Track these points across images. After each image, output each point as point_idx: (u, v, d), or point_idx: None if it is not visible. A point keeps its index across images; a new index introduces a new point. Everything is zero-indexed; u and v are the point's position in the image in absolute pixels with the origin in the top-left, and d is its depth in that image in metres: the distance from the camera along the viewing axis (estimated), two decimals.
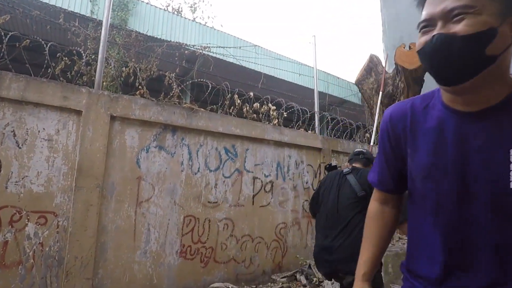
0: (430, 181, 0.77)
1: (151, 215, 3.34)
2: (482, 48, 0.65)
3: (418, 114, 0.82)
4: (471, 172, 0.70)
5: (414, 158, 0.81)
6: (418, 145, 0.80)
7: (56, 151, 2.91)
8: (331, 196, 2.26)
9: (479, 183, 0.69)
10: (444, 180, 0.73)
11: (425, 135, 0.79)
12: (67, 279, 2.75)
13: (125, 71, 3.95)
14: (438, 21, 0.69)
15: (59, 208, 2.84)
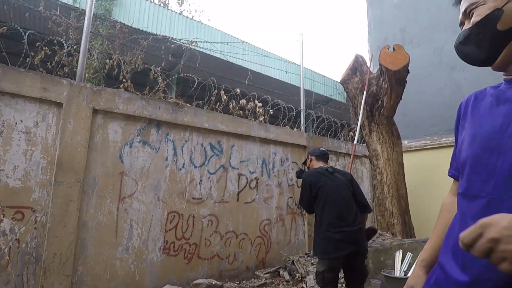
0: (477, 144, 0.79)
1: (134, 211, 3.29)
2: (494, 27, 0.75)
3: (483, 92, 0.88)
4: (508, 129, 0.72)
5: (468, 128, 0.85)
6: (475, 115, 0.85)
7: (34, 144, 2.80)
8: (334, 190, 2.53)
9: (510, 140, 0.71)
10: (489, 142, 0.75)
11: (482, 106, 0.84)
12: (45, 276, 2.67)
13: (108, 63, 3.84)
14: (465, 21, 0.84)
15: (37, 203, 2.75)
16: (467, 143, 0.82)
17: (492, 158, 0.73)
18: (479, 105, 0.86)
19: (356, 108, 5.26)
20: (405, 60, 4.00)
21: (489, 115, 0.80)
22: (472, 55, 0.82)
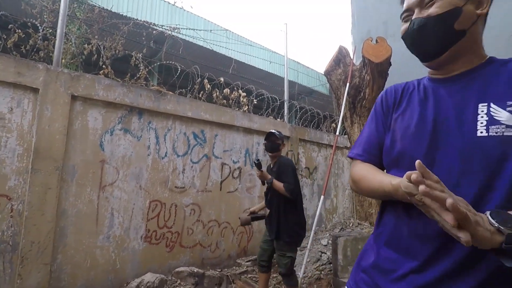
0: (410, 138, 0.83)
1: (115, 199, 3.25)
2: (451, 24, 0.78)
3: (409, 88, 0.93)
4: (447, 126, 0.78)
5: (400, 121, 0.89)
6: (405, 109, 0.89)
7: (9, 130, 2.71)
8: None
9: (450, 134, 0.77)
10: (422, 135, 0.81)
11: (411, 101, 0.89)
12: (23, 265, 2.63)
13: (87, 49, 3.71)
14: (415, 9, 0.83)
15: (13, 191, 2.68)
16: (400, 135, 0.86)
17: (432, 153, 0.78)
18: (410, 99, 0.90)
19: (338, 100, 5.34)
20: (388, 52, 4.08)
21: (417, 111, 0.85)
22: (423, 46, 0.83)
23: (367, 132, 0.99)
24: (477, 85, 0.78)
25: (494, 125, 0.72)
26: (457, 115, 0.77)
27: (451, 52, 0.80)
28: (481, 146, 0.72)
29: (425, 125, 0.81)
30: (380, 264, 0.84)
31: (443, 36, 0.79)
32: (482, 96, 0.76)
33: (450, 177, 0.73)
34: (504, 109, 0.72)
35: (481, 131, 0.73)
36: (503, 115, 0.72)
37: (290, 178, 2.67)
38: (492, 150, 0.71)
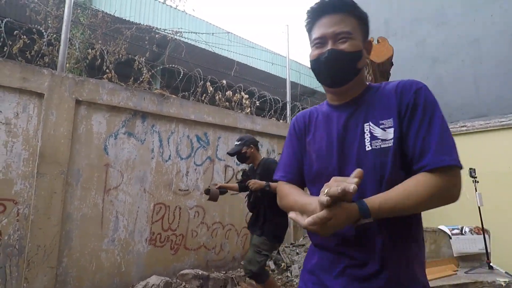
0: (324, 158, 1.00)
1: (120, 202, 3.27)
2: (356, 63, 0.96)
3: (314, 114, 1.11)
4: (347, 144, 0.96)
5: (312, 144, 1.06)
6: (315, 134, 1.06)
7: (15, 135, 2.74)
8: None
9: (350, 150, 0.95)
10: (332, 154, 0.98)
11: (318, 126, 1.06)
12: (29, 268, 2.65)
13: (91, 53, 3.75)
14: (329, 40, 0.96)
15: (19, 195, 2.71)
16: (315, 156, 1.03)
17: (341, 168, 0.95)
18: (316, 124, 1.07)
19: None
20: (389, 52, 4.05)
21: (324, 134, 1.02)
22: (335, 73, 0.98)
23: (285, 156, 1.15)
24: (362, 109, 0.97)
25: (374, 140, 0.91)
26: (353, 134, 0.95)
27: (350, 84, 0.98)
28: (369, 158, 0.91)
29: (332, 146, 0.98)
30: (323, 264, 0.98)
31: (350, 70, 0.97)
32: (365, 118, 0.95)
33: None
34: (378, 127, 0.92)
35: (367, 146, 0.92)
36: (378, 132, 0.91)
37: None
38: (376, 160, 0.90)
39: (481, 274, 2.56)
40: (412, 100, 0.90)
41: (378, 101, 0.95)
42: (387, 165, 0.89)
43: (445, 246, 3.27)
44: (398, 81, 0.96)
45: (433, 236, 3.39)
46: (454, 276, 2.82)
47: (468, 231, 2.93)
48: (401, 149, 0.89)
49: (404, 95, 0.91)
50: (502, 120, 4.00)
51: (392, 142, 0.89)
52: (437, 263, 3.06)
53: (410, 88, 0.92)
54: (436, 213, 4.76)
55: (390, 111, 0.92)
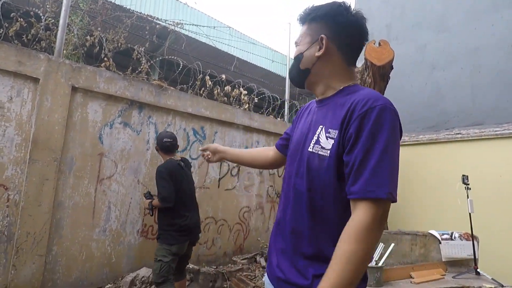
0: (293, 145, 1.11)
1: (113, 193, 3.24)
2: (297, 65, 1.07)
3: (308, 106, 1.19)
4: (304, 140, 1.03)
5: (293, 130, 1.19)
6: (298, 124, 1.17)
7: (8, 120, 2.69)
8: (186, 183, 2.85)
9: (305, 146, 1.01)
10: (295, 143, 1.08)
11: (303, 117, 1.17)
12: (17, 256, 2.61)
13: (89, 40, 3.69)
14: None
15: (9, 181, 2.66)
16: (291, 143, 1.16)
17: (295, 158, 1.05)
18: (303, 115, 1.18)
19: None
20: (390, 55, 4.07)
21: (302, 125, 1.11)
22: (292, 79, 1.14)
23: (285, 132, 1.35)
24: (325, 110, 1.02)
25: (316, 145, 0.96)
26: (312, 132, 1.01)
27: (308, 83, 1.08)
28: (307, 158, 0.97)
29: (300, 138, 1.06)
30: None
31: (295, 72, 1.09)
32: (322, 121, 1.00)
33: (290, 178, 1.03)
34: (325, 134, 0.95)
35: (310, 147, 0.97)
36: (323, 140, 0.95)
37: (158, 187, 2.66)
38: (312, 162, 0.95)
39: (468, 279, 2.60)
40: (357, 121, 0.87)
41: (337, 107, 0.97)
42: (320, 171, 0.93)
43: (434, 251, 3.31)
44: (361, 95, 0.93)
45: (423, 240, 3.43)
46: (441, 280, 2.87)
47: (458, 237, 2.97)
48: (336, 164, 0.91)
49: (353, 113, 0.89)
50: (496, 130, 4.04)
51: (328, 153, 0.91)
52: (426, 266, 3.10)
53: (363, 107, 0.89)
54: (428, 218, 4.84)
55: (338, 123, 0.93)
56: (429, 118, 5.13)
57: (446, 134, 4.71)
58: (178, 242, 2.65)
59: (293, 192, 1.01)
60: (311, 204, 0.95)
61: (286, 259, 0.99)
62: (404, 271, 2.99)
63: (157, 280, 2.54)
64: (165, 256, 2.58)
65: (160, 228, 2.71)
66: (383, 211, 0.84)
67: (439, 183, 4.56)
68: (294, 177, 1.02)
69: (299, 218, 0.98)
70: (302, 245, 0.96)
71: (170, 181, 2.65)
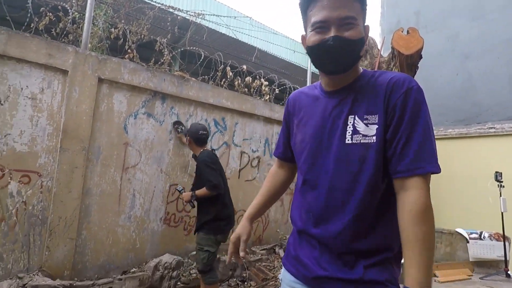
0: (305, 141, 1.04)
1: (137, 181, 3.35)
2: (359, 50, 0.94)
3: (304, 96, 1.12)
4: (329, 133, 0.97)
5: (298, 126, 1.09)
6: (301, 116, 1.09)
7: (40, 110, 2.82)
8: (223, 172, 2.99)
9: (331, 140, 0.96)
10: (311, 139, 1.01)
11: (306, 109, 1.08)
12: (51, 238, 2.78)
13: (114, 32, 3.77)
14: (332, 25, 0.90)
15: (43, 168, 2.81)
16: (300, 139, 1.07)
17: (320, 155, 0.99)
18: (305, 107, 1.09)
19: None
20: (419, 44, 3.86)
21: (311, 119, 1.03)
22: (337, 61, 0.94)
23: (280, 135, 1.27)
24: (350, 99, 0.96)
25: (355, 134, 0.91)
26: (336, 124, 0.96)
27: (350, 71, 0.97)
28: (348, 151, 0.92)
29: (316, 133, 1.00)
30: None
31: (353, 58, 0.94)
32: (351, 109, 0.94)
33: (327, 176, 0.95)
34: (362, 122, 0.91)
35: (348, 139, 0.92)
36: (361, 126, 0.91)
37: (207, 175, 2.71)
38: (354, 154, 0.91)
39: (497, 281, 2.49)
40: (400, 101, 0.88)
41: (367, 92, 0.94)
42: (366, 161, 0.90)
43: (461, 250, 3.18)
44: (391, 75, 0.92)
45: (449, 239, 3.30)
46: (468, 281, 2.75)
47: (488, 237, 2.84)
48: (383, 148, 0.89)
49: (394, 93, 0.89)
50: None
51: (374, 139, 0.89)
52: (451, 266, 2.99)
53: (402, 87, 0.89)
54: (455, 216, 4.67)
55: (377, 107, 0.90)
56: (459, 111, 4.87)
57: (477, 129, 4.46)
58: (223, 231, 2.79)
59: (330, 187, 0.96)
60: (357, 197, 0.91)
61: (328, 255, 0.95)
62: None
63: (205, 269, 2.68)
64: (211, 246, 2.70)
65: (204, 218, 2.77)
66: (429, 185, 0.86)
67: (468, 180, 4.36)
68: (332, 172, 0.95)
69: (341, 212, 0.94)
70: (348, 239, 0.92)
71: (216, 169, 2.77)
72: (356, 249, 0.92)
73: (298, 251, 1.05)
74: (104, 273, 3.09)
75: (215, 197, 2.75)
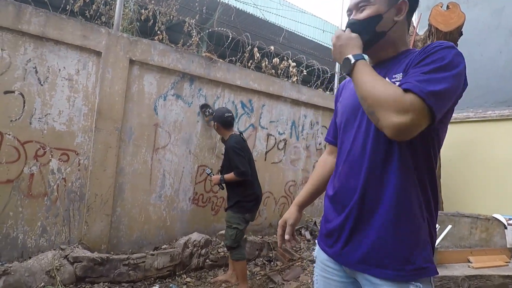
0: (344, 112, 1.10)
1: (167, 161, 3.43)
2: (373, 27, 1.00)
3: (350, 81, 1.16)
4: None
5: (341, 103, 1.16)
6: (345, 93, 1.16)
7: (76, 91, 2.92)
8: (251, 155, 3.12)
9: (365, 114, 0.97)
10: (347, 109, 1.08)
11: (350, 86, 1.11)
12: (88, 213, 2.93)
13: (144, 14, 3.79)
14: (353, 10, 1.04)
15: (80, 147, 2.93)
16: (340, 113, 1.14)
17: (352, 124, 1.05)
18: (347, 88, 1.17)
19: None
20: (460, 20, 3.60)
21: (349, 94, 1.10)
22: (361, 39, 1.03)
23: (331, 121, 1.32)
24: (388, 66, 1.02)
25: None
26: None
27: (376, 46, 1.03)
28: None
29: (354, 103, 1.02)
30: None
31: (368, 35, 1.00)
32: (386, 73, 0.98)
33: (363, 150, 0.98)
34: (391, 81, 0.93)
35: None
36: None
37: (235, 162, 2.80)
38: None
39: None
40: (422, 54, 0.89)
41: (402, 61, 0.98)
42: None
43: (498, 236, 3.04)
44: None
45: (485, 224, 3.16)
46: (504, 268, 2.65)
47: None
48: None
49: (419, 52, 0.92)
50: None
51: None
52: (486, 252, 2.89)
53: (428, 46, 0.90)
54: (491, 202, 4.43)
55: (404, 66, 0.95)
56: (501, 91, 4.53)
57: None
58: (251, 211, 2.93)
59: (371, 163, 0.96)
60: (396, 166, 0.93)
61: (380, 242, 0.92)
62: (461, 254, 2.80)
63: (233, 245, 2.82)
64: (239, 224, 2.83)
65: (233, 198, 2.91)
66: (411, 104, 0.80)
67: (507, 165, 4.10)
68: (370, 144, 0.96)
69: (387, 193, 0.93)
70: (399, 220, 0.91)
71: (244, 156, 2.86)
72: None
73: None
74: (137, 248, 3.24)
75: (243, 180, 2.86)
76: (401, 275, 0.89)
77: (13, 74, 2.62)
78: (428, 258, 0.92)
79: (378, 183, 0.94)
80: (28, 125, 2.69)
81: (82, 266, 2.64)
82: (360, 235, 0.96)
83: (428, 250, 0.94)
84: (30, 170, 2.70)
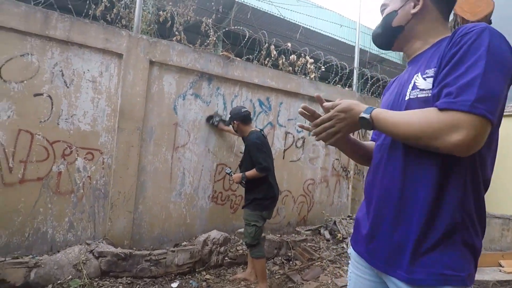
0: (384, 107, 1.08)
1: (186, 160, 3.49)
2: (389, 22, 1.06)
3: (396, 78, 1.20)
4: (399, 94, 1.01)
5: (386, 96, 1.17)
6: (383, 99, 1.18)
7: (99, 92, 3.03)
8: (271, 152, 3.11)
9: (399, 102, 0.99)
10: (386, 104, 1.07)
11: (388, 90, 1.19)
12: (112, 210, 3.03)
13: (162, 15, 3.87)
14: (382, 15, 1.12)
15: (104, 146, 3.04)
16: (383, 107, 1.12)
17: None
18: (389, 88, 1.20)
19: None
20: (489, 7, 3.38)
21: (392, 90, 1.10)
22: (376, 40, 1.13)
23: None
24: (421, 61, 0.98)
25: (413, 90, 0.92)
26: (403, 88, 1.00)
27: (398, 42, 1.07)
28: (407, 107, 0.93)
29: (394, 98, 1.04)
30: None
31: (385, 32, 1.08)
32: (418, 70, 0.96)
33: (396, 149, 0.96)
34: (422, 77, 0.91)
35: (407, 96, 0.95)
36: (421, 82, 0.91)
37: (257, 158, 2.80)
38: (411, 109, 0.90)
39: None
40: (455, 45, 0.82)
41: (434, 54, 0.94)
42: None
43: None
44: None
45: None
46: None
47: None
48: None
49: (453, 41, 0.84)
50: None
51: (430, 92, 0.86)
52: None
53: (460, 33, 0.83)
54: None
55: (436, 60, 0.89)
56: None
57: None
58: (268, 208, 2.92)
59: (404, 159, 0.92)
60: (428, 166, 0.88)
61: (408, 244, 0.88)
62: (491, 258, 2.68)
63: (253, 242, 2.83)
64: (258, 221, 2.84)
65: (252, 196, 2.90)
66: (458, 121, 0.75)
67: None
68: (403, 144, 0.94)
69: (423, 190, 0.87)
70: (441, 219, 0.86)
71: (266, 151, 2.88)
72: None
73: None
74: (158, 244, 3.32)
75: (262, 178, 2.86)
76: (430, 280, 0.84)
77: (41, 77, 2.76)
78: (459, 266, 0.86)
79: (413, 181, 0.89)
80: (56, 126, 2.82)
81: (106, 261, 2.74)
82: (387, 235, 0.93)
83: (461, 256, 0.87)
84: (58, 169, 2.83)
